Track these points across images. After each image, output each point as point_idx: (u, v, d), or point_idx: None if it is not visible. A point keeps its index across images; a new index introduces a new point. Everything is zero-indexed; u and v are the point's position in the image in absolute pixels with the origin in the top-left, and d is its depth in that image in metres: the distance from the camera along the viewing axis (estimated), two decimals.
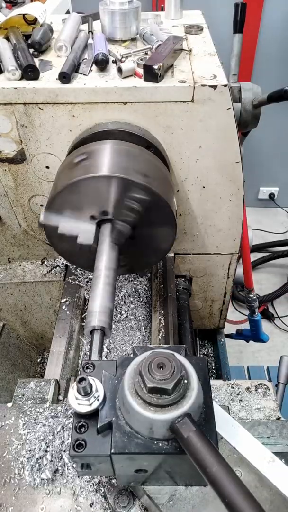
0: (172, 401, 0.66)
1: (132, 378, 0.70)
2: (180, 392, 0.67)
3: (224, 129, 1.37)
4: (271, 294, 3.98)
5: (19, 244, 1.81)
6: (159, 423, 0.65)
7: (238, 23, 2.03)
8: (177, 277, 1.84)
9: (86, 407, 0.71)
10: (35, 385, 1.20)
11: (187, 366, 0.71)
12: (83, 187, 1.20)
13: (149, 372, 0.67)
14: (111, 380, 0.76)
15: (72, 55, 1.39)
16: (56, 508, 0.95)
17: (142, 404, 0.66)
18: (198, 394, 0.68)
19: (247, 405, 1.12)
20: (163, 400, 0.66)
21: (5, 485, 0.98)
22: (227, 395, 1.15)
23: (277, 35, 3.82)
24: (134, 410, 0.66)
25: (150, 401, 0.66)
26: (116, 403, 0.72)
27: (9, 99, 1.34)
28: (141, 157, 1.31)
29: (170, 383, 0.66)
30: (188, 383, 0.68)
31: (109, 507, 0.94)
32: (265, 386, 1.16)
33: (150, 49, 1.48)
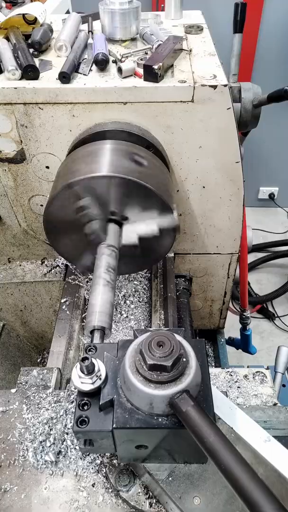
0: (171, 377, 0.68)
1: (133, 357, 0.72)
2: (178, 370, 0.69)
3: (224, 129, 1.37)
4: (271, 293, 3.97)
5: (19, 244, 1.81)
6: (159, 399, 0.68)
7: (238, 23, 2.03)
8: (177, 277, 1.84)
9: (89, 386, 0.74)
10: (37, 373, 1.22)
11: (185, 345, 0.73)
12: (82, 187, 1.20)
13: (149, 350, 0.70)
14: (113, 361, 0.78)
15: (72, 55, 1.39)
16: (59, 488, 0.98)
17: (143, 381, 0.69)
18: (196, 372, 0.70)
19: (245, 392, 1.15)
20: (162, 377, 0.68)
21: (9, 466, 1.01)
22: (225, 382, 1.18)
23: (277, 35, 3.82)
24: (134, 386, 0.69)
25: (150, 377, 0.68)
26: (118, 382, 0.75)
27: (9, 99, 1.34)
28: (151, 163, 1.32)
29: (169, 360, 0.68)
30: (187, 361, 0.71)
31: (110, 486, 0.97)
32: (263, 374, 1.19)
33: (150, 49, 1.48)
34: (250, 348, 2.48)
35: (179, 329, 0.78)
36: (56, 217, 1.29)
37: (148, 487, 0.93)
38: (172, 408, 0.68)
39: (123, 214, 1.27)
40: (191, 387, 0.69)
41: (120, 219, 1.28)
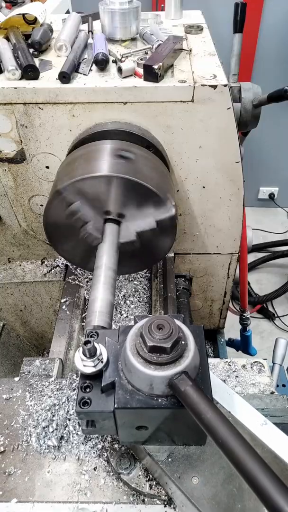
0: (170, 359, 0.70)
1: (134, 340, 0.74)
2: (177, 352, 0.71)
3: (224, 129, 1.37)
4: (271, 293, 3.97)
5: (19, 244, 1.81)
6: (159, 380, 0.70)
7: (238, 23, 2.03)
8: (177, 277, 1.84)
9: (91, 368, 0.76)
10: (40, 363, 1.25)
11: (184, 329, 0.76)
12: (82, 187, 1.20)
13: (149, 332, 0.72)
14: (114, 345, 0.80)
15: (72, 55, 1.39)
16: (61, 471, 1.00)
17: (143, 362, 0.71)
18: (194, 355, 0.73)
19: (243, 381, 1.17)
20: (162, 358, 0.70)
21: (13, 451, 1.04)
22: (223, 371, 1.20)
23: (277, 35, 3.82)
24: (135, 368, 0.71)
25: (150, 359, 0.70)
26: (119, 365, 0.77)
27: (9, 99, 1.34)
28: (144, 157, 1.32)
29: (169, 342, 0.70)
30: (185, 344, 0.73)
31: (111, 470, 0.99)
32: (260, 364, 1.21)
33: (150, 49, 1.48)
34: (250, 349, 2.50)
35: (178, 315, 0.80)
36: (55, 219, 1.29)
37: (148, 469, 0.95)
38: (171, 389, 0.70)
39: (119, 212, 1.27)
40: (189, 368, 0.71)
41: (116, 218, 1.28)
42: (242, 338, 2.44)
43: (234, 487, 0.82)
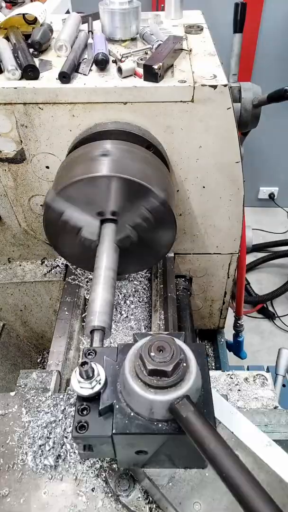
0: (171, 383, 0.68)
1: (133, 362, 0.72)
2: (179, 375, 0.69)
3: (224, 129, 1.37)
4: (271, 293, 3.97)
5: (19, 244, 1.81)
6: (159, 404, 0.68)
7: (238, 23, 2.03)
8: (177, 277, 1.84)
9: (88, 390, 0.73)
10: (37, 376, 1.23)
11: (186, 350, 0.73)
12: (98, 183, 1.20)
13: (149, 354, 0.69)
14: (112, 365, 0.78)
15: (72, 55, 1.39)
16: (58, 493, 0.97)
17: (143, 386, 0.69)
18: (196, 377, 0.70)
19: (245, 395, 1.14)
20: (162, 382, 0.68)
21: (8, 470, 1.00)
22: (225, 385, 1.18)
23: (277, 35, 3.82)
24: (134, 392, 0.69)
25: (150, 383, 0.68)
26: (117, 386, 0.75)
27: (9, 99, 1.33)
28: (144, 157, 1.31)
29: (170, 365, 0.68)
30: (187, 366, 0.70)
31: (110, 491, 0.96)
32: (263, 377, 1.19)
33: (150, 49, 1.48)
34: (241, 353, 2.53)
35: (179, 334, 0.78)
36: (53, 223, 1.29)
37: (148, 492, 0.92)
38: (172, 414, 0.67)
39: (112, 210, 1.26)
40: (191, 392, 0.68)
41: (111, 216, 1.28)
42: (235, 342, 2.48)
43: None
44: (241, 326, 2.35)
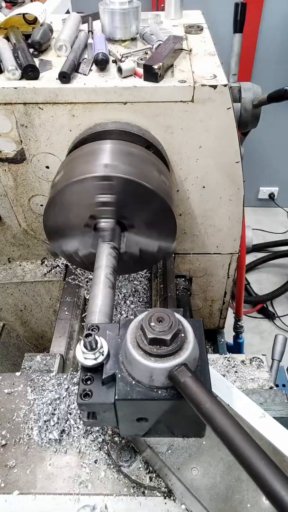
0: (170, 351, 0.71)
1: (134, 333, 0.75)
2: (177, 344, 0.72)
3: (224, 129, 1.37)
4: (271, 293, 3.98)
5: (19, 244, 1.81)
6: (159, 371, 0.71)
7: (238, 23, 2.03)
8: (177, 277, 1.84)
9: (92, 361, 0.77)
10: (41, 359, 1.28)
11: (184, 322, 0.77)
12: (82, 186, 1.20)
13: (149, 325, 0.73)
14: (115, 338, 0.81)
15: (72, 55, 1.39)
16: (62, 464, 1.02)
17: (143, 355, 0.72)
18: (194, 347, 0.73)
19: (242, 376, 1.18)
20: (162, 350, 0.71)
21: (15, 444, 1.05)
22: (223, 367, 1.21)
23: (277, 35, 3.82)
24: (135, 360, 0.72)
25: (150, 351, 0.71)
26: (119, 358, 0.78)
27: (9, 99, 1.34)
28: (144, 157, 1.32)
29: (168, 334, 0.71)
30: (185, 336, 0.74)
31: (112, 462, 1.00)
32: (259, 359, 1.23)
33: (150, 49, 1.48)
34: None
35: (178, 309, 0.81)
36: (54, 222, 1.30)
37: (148, 462, 0.96)
38: (171, 380, 0.71)
39: (131, 222, 1.28)
40: (189, 361, 0.72)
41: (126, 225, 1.29)
42: (235, 344, 2.50)
43: (233, 478, 0.83)
44: (241, 328, 2.35)
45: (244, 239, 1.76)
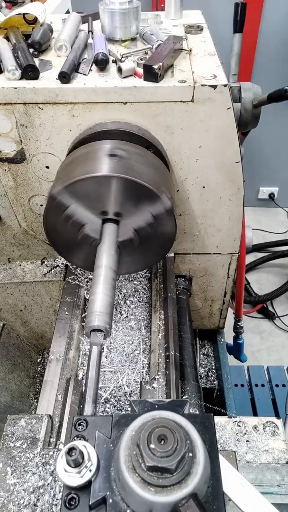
0: (175, 480, 0.58)
1: (129, 449, 0.61)
2: (184, 469, 0.59)
3: (224, 129, 1.37)
4: (271, 293, 3.98)
5: (19, 244, 1.81)
6: (160, 506, 0.58)
7: (238, 23, 2.03)
8: (177, 277, 1.84)
9: (77, 480, 0.63)
10: (26, 423, 1.12)
11: (192, 434, 0.62)
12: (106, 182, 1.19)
13: (148, 446, 0.59)
14: (106, 443, 0.67)
15: (72, 55, 1.39)
16: None
17: (141, 482, 0.59)
18: (204, 467, 0.60)
19: (254, 446, 1.05)
20: (164, 480, 0.58)
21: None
22: (232, 434, 1.08)
23: (277, 35, 3.82)
24: (131, 489, 0.59)
25: (150, 480, 0.58)
26: (111, 473, 0.64)
27: (9, 99, 1.33)
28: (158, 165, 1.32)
29: (173, 461, 0.58)
30: (193, 456, 0.60)
31: None
32: (274, 424, 1.10)
33: (150, 49, 1.48)
34: (241, 356, 2.51)
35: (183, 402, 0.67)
36: (54, 223, 1.29)
37: None
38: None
39: (116, 211, 1.26)
40: (198, 488, 0.58)
41: (114, 217, 1.28)
42: (235, 345, 2.46)
43: None
44: (241, 328, 2.34)
45: (244, 239, 1.76)
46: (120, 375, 1.45)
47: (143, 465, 0.59)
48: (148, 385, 1.29)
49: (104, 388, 1.41)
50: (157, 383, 1.30)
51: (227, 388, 1.95)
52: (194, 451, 0.60)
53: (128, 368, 1.47)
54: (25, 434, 1.09)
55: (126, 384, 1.42)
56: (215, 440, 0.66)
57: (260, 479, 0.96)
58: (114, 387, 1.42)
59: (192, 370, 1.51)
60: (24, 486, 0.96)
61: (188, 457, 0.59)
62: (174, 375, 1.31)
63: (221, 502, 0.61)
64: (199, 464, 0.59)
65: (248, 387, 2.51)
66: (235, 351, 2.48)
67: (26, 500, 0.94)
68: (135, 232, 1.30)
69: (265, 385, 2.50)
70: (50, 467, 0.99)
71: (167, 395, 1.24)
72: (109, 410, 1.38)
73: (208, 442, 0.64)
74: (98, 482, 0.63)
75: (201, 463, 0.59)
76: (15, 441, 1.07)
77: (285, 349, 3.69)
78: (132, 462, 0.60)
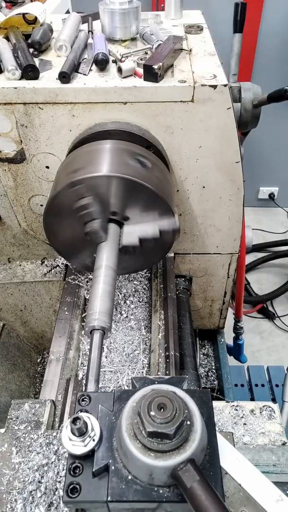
0: (174, 446, 0.61)
1: (131, 418, 0.64)
2: (182, 436, 0.62)
3: (224, 129, 1.37)
4: (271, 293, 3.98)
5: (19, 244, 1.81)
6: (160, 470, 0.61)
7: (238, 23, 2.03)
8: (177, 277, 1.84)
9: (81, 448, 0.66)
10: (29, 407, 1.15)
11: (190, 404, 0.65)
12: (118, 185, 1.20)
13: (148, 414, 0.62)
14: (108, 416, 0.70)
15: (72, 55, 1.39)
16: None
17: (141, 448, 0.62)
18: (202, 435, 0.63)
19: (251, 429, 1.08)
20: (164, 445, 0.61)
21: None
22: (230, 418, 1.11)
23: (277, 35, 3.82)
24: (132, 455, 0.62)
25: (150, 446, 0.61)
26: (113, 443, 0.67)
27: (9, 99, 1.33)
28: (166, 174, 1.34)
29: (172, 427, 0.61)
30: (191, 424, 0.63)
31: None
32: (270, 408, 1.12)
33: (150, 49, 1.48)
34: (241, 357, 2.51)
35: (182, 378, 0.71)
36: (56, 215, 1.29)
37: None
38: (175, 480, 0.61)
39: (124, 215, 1.27)
40: (196, 454, 0.61)
41: (120, 219, 1.28)
42: (235, 345, 2.46)
43: None
44: (241, 329, 2.34)
45: (244, 239, 1.76)
46: (120, 375, 1.45)
47: (143, 432, 0.62)
48: None
49: (104, 388, 1.41)
50: None
51: (227, 388, 1.95)
52: (192, 419, 0.64)
53: (128, 368, 1.47)
54: (29, 418, 1.12)
55: (126, 384, 1.42)
56: (212, 414, 0.69)
57: (256, 459, 0.98)
58: (114, 387, 1.42)
59: (192, 370, 1.51)
60: (28, 465, 0.99)
61: (186, 425, 0.62)
62: (174, 375, 1.31)
63: (217, 469, 0.64)
64: (197, 432, 0.62)
65: (248, 387, 2.51)
66: (235, 352, 2.48)
67: (31, 478, 0.96)
68: (139, 240, 1.32)
69: (265, 385, 2.50)
70: (54, 447, 1.02)
71: None
72: None
73: (205, 414, 0.67)
74: (101, 451, 0.67)
75: (198, 431, 0.63)
76: (19, 424, 1.10)
77: (285, 349, 3.69)
78: (133, 429, 0.63)
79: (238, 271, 1.90)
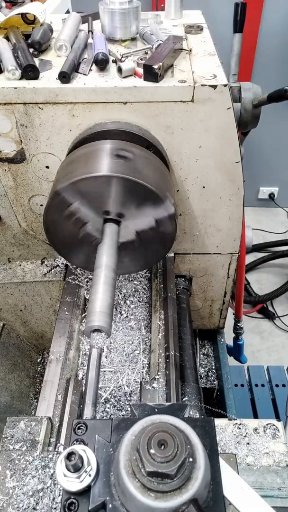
0: (175, 486, 0.57)
1: (129, 454, 0.61)
2: (184, 474, 0.58)
3: (224, 129, 1.37)
4: (271, 293, 3.98)
5: (19, 244, 1.81)
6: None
7: (238, 23, 2.03)
8: (177, 277, 1.84)
9: (77, 485, 0.63)
10: (25, 425, 1.11)
11: (192, 438, 0.62)
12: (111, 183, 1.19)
13: (148, 451, 0.58)
14: (105, 447, 0.66)
15: (72, 54, 1.39)
16: None
17: (141, 488, 0.58)
18: (205, 473, 0.59)
19: (255, 449, 1.05)
20: (164, 486, 0.57)
21: None
22: (233, 437, 1.08)
23: (277, 35, 3.82)
24: (131, 494, 0.58)
25: (150, 485, 0.57)
26: (111, 477, 0.63)
27: (9, 98, 1.33)
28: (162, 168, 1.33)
29: (173, 466, 0.57)
30: (194, 461, 0.59)
31: None
32: (274, 427, 1.09)
33: (150, 48, 1.48)
34: (241, 357, 2.50)
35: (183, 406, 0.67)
36: (55, 220, 1.29)
37: None
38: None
39: (118, 212, 1.27)
40: (199, 493, 0.58)
41: (116, 217, 1.28)
42: (235, 346, 2.45)
43: None
44: (240, 329, 2.34)
45: (244, 239, 1.76)
46: (120, 375, 1.45)
47: (143, 470, 0.58)
48: (148, 385, 1.29)
49: (104, 388, 1.41)
50: (157, 383, 1.30)
51: (227, 388, 1.95)
52: (195, 455, 0.60)
53: (128, 368, 1.47)
54: (24, 437, 1.08)
55: (126, 384, 1.42)
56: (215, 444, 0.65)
57: (260, 482, 0.95)
58: (114, 387, 1.42)
59: (192, 371, 1.51)
60: (23, 490, 0.95)
61: (189, 462, 0.59)
62: (174, 375, 1.31)
63: (221, 507, 0.61)
64: (200, 469, 0.59)
65: (248, 387, 2.51)
66: (235, 352, 2.48)
67: (25, 504, 0.93)
68: (137, 234, 1.31)
69: (265, 385, 2.50)
70: (50, 470, 0.99)
71: (167, 395, 1.24)
72: (109, 410, 1.38)
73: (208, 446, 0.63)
74: (97, 487, 0.63)
75: (201, 468, 0.59)
76: (14, 443, 1.06)
77: (285, 349, 3.69)
78: (132, 467, 0.59)
79: (238, 271, 1.90)
